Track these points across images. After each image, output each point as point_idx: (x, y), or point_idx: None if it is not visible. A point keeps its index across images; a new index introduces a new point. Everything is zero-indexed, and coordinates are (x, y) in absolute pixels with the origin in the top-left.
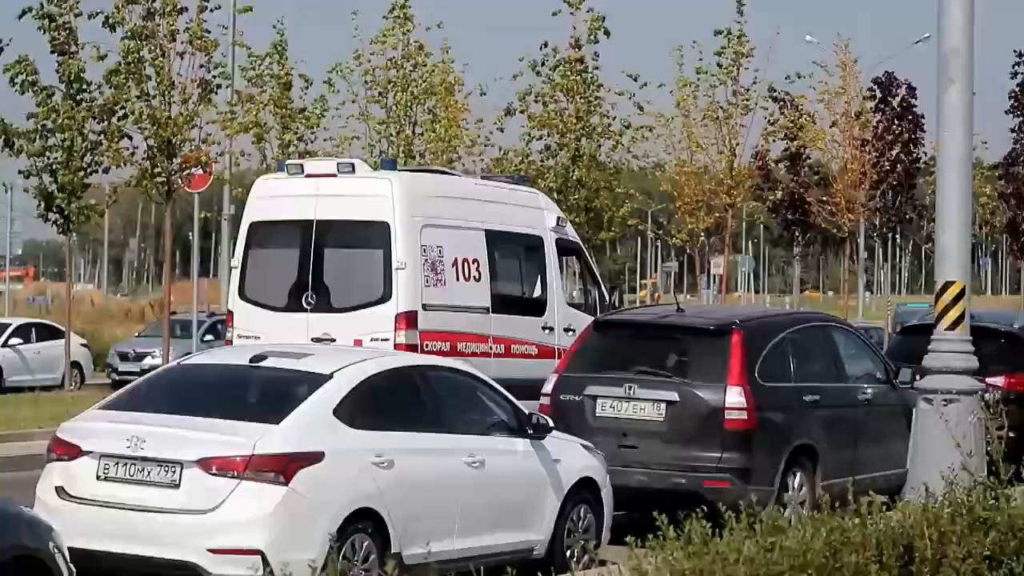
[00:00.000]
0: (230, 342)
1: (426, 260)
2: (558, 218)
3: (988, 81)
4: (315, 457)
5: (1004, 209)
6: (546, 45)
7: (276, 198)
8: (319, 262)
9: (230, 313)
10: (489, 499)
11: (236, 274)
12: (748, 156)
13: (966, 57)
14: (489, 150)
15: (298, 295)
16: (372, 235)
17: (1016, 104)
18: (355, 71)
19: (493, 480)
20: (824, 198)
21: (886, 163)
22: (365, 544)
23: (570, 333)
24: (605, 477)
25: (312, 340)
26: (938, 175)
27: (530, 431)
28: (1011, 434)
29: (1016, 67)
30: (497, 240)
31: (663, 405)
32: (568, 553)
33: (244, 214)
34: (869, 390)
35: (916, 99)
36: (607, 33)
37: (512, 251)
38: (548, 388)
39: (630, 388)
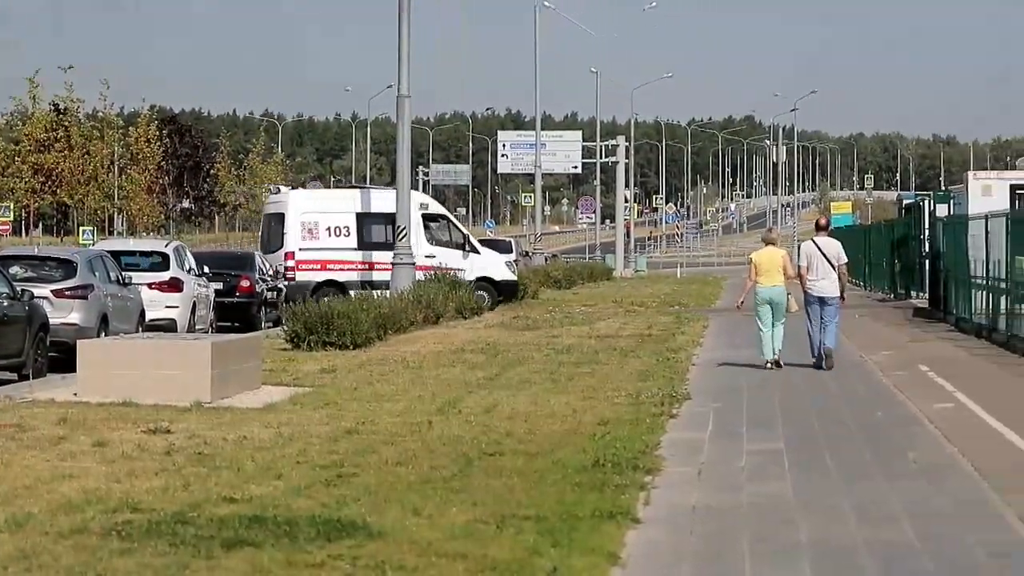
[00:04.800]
0: None
1: (303, 228)
2: (421, 203)
3: None
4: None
5: None
6: None
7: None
8: (274, 229)
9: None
10: None
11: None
12: None
13: None
14: None
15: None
16: (280, 217)
17: None
18: None
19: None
20: None
21: None
22: None
23: (431, 259)
24: None
25: None
26: None
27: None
28: None
29: None
30: (365, 215)
31: None
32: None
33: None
34: None
35: None
36: None
37: (380, 220)
38: None
39: None
